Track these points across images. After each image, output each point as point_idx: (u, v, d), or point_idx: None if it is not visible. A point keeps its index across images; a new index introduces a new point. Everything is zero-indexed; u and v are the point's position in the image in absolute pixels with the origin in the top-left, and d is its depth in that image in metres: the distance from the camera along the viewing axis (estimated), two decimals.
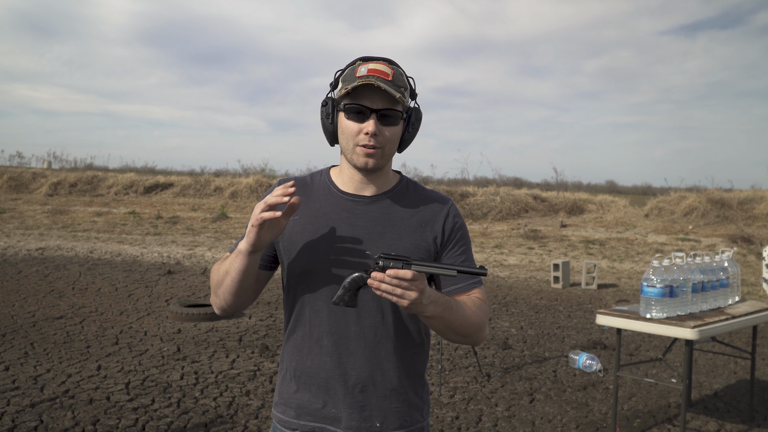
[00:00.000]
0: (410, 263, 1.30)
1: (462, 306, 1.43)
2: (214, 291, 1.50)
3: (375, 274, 1.28)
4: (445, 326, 1.41)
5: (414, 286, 1.27)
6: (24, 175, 22.74)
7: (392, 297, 1.28)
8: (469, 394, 4.48)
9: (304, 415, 1.49)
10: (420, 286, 1.28)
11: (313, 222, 1.49)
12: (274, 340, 5.73)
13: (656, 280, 3.50)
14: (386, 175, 1.53)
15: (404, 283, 1.27)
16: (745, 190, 18.22)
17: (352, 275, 1.35)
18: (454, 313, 1.40)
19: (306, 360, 1.49)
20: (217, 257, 11.35)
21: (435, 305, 1.34)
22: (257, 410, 4.04)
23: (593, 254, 12.69)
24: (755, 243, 12.94)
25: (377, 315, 1.46)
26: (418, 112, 1.51)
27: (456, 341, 1.51)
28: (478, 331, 1.48)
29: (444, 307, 1.37)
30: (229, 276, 1.43)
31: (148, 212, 17.82)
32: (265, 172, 23.31)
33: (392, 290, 1.28)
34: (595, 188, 36.79)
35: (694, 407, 4.35)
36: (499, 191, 18.43)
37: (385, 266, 1.30)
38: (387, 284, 1.28)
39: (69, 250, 11.64)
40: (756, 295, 8.82)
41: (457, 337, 1.47)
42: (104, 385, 4.39)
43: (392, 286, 1.27)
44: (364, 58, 1.47)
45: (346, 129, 1.44)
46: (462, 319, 1.42)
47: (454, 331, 1.44)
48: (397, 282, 1.27)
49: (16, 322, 6.11)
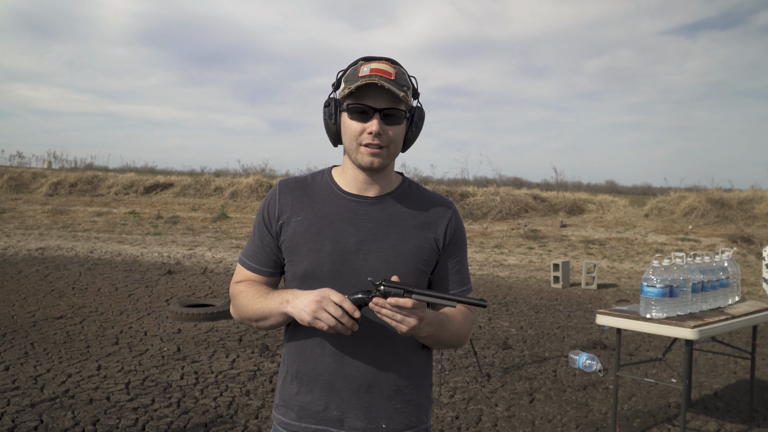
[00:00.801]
0: (411, 292, 1.33)
1: (451, 321, 1.48)
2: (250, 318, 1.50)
3: (376, 300, 1.32)
4: (436, 342, 1.47)
5: (414, 314, 1.32)
6: (24, 175, 22.75)
7: (392, 322, 1.33)
8: (469, 394, 4.48)
9: (305, 417, 1.48)
10: (420, 314, 1.32)
11: (317, 223, 1.48)
12: (274, 340, 5.73)
13: (656, 280, 3.50)
14: (389, 175, 1.53)
15: (404, 311, 1.31)
16: (745, 190, 18.26)
17: (355, 294, 1.37)
18: (444, 329, 1.44)
19: (308, 361, 1.48)
20: (217, 257, 11.35)
21: (429, 326, 1.38)
22: (257, 410, 4.04)
23: (593, 254, 12.69)
24: (755, 243, 12.94)
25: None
26: (421, 111, 1.51)
27: (439, 349, 1.57)
28: (461, 341, 1.54)
29: (437, 326, 1.41)
30: (270, 320, 1.46)
31: (148, 212, 17.82)
32: (265, 172, 23.32)
33: (392, 315, 1.32)
34: (595, 188, 36.82)
35: (694, 407, 4.35)
36: (499, 191, 18.43)
37: (386, 293, 1.34)
38: (387, 310, 1.32)
39: (69, 250, 11.64)
40: (756, 295, 8.82)
41: (441, 347, 1.54)
42: (104, 385, 4.39)
43: (392, 312, 1.32)
44: (367, 58, 1.47)
45: (350, 129, 1.44)
46: (450, 333, 1.47)
47: (442, 344, 1.51)
48: (397, 309, 1.31)
49: (16, 322, 6.11)
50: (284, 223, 1.49)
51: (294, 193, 1.53)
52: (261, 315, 1.46)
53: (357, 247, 1.45)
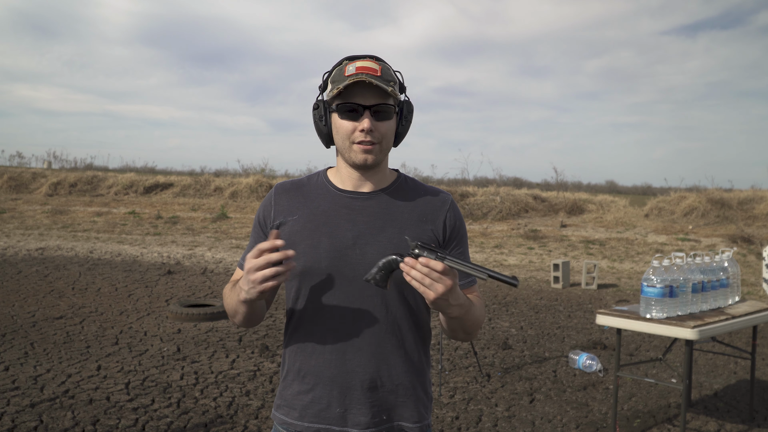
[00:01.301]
0: (444, 257, 1.30)
1: (476, 307, 1.46)
2: (230, 316, 1.51)
3: (408, 260, 1.28)
4: (461, 327, 1.44)
5: (443, 281, 1.27)
6: (24, 175, 22.74)
7: (420, 286, 1.28)
8: (469, 394, 4.48)
9: (308, 415, 1.48)
10: (448, 282, 1.27)
11: (313, 220, 1.49)
12: (274, 340, 5.73)
13: (656, 280, 3.50)
14: (383, 171, 1.53)
15: (435, 274, 1.26)
16: (745, 190, 18.25)
17: (388, 257, 1.35)
18: (470, 314, 1.42)
19: (310, 359, 1.48)
20: (216, 257, 11.35)
21: (460, 308, 1.35)
22: (257, 410, 4.04)
23: (593, 254, 12.69)
24: (755, 243, 12.94)
25: (381, 310, 1.46)
26: (409, 105, 1.52)
27: (458, 338, 1.53)
28: (478, 330, 1.52)
29: (466, 309, 1.38)
30: (239, 315, 1.45)
31: (148, 212, 17.82)
32: (265, 172, 23.33)
33: (421, 278, 1.27)
34: (595, 188, 36.83)
35: (694, 407, 4.35)
36: (499, 191, 18.43)
37: (419, 255, 1.31)
38: (417, 272, 1.27)
39: (69, 250, 11.64)
40: (756, 295, 8.82)
41: (463, 336, 1.50)
42: (104, 385, 4.39)
43: (422, 275, 1.27)
44: (351, 57, 1.47)
45: (341, 128, 1.44)
46: (473, 319, 1.45)
47: (465, 331, 1.47)
48: (427, 271, 1.27)
49: (16, 322, 6.11)
50: (281, 224, 1.50)
51: (290, 194, 1.54)
52: (232, 311, 1.46)
53: (354, 242, 1.45)
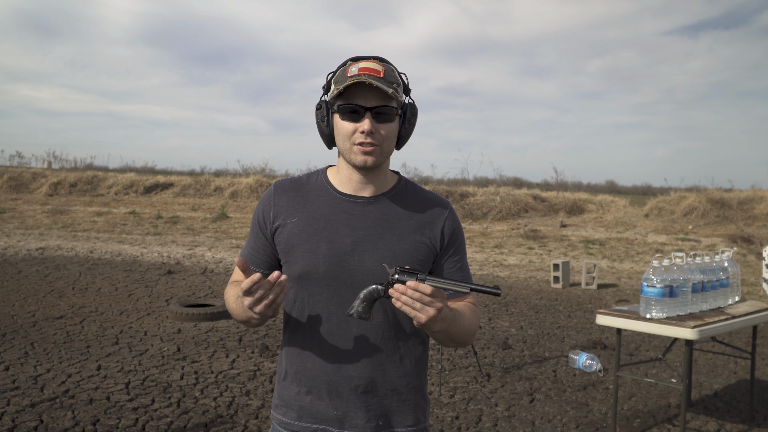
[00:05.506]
0: (424, 279, 1.30)
1: (462, 316, 1.44)
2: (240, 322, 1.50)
3: (397, 286, 1.28)
4: (447, 337, 1.43)
5: (433, 304, 1.27)
6: (24, 175, 22.73)
7: (411, 311, 1.27)
8: (469, 394, 4.48)
9: (306, 416, 1.48)
10: (439, 305, 1.27)
11: (312, 224, 1.48)
12: (274, 340, 5.73)
13: (656, 280, 3.50)
14: (384, 174, 1.52)
15: (426, 299, 1.26)
16: (745, 190, 18.24)
17: (368, 287, 1.35)
18: (456, 325, 1.40)
19: (307, 362, 1.48)
20: (217, 257, 11.35)
21: (443, 321, 1.34)
22: (257, 410, 4.04)
23: (593, 254, 12.69)
24: (755, 243, 12.94)
25: (378, 315, 1.46)
26: (413, 107, 1.50)
27: (449, 347, 1.52)
28: (470, 336, 1.50)
29: (450, 322, 1.37)
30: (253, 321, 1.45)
31: (148, 212, 17.81)
32: (265, 172, 23.32)
33: (412, 303, 1.27)
34: (595, 188, 36.82)
35: (694, 407, 4.35)
36: (499, 191, 18.42)
37: (400, 280, 1.30)
38: (408, 297, 1.27)
39: (69, 250, 11.64)
40: (756, 295, 8.82)
41: (452, 344, 1.49)
42: (104, 385, 4.39)
43: (412, 300, 1.27)
44: (355, 58, 1.47)
45: (342, 129, 1.44)
46: (461, 329, 1.43)
47: (453, 341, 1.46)
48: (419, 296, 1.26)
49: (16, 322, 6.11)
50: (280, 225, 1.49)
51: (289, 194, 1.53)
52: (244, 319, 1.46)
53: (352, 248, 1.45)
